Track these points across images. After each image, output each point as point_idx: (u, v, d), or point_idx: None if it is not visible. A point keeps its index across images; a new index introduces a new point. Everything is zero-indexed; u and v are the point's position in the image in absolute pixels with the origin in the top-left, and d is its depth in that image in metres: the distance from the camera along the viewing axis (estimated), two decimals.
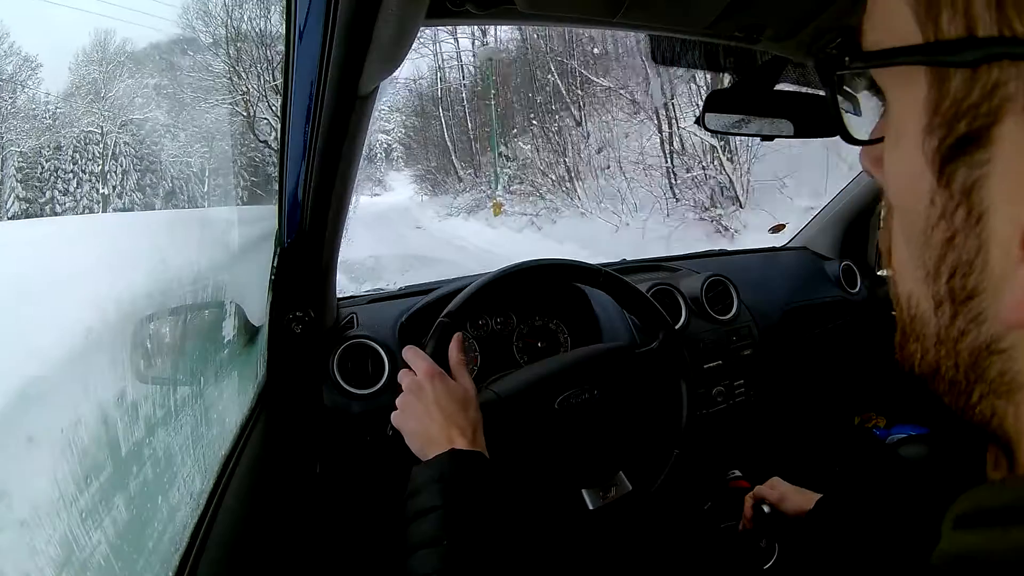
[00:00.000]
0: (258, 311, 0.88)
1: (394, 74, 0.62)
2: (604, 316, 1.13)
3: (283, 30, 0.56)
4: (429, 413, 0.63)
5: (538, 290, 1.14)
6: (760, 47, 0.73)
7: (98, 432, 0.50)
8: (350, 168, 0.72)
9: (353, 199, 0.82)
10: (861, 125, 0.28)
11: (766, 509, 0.82)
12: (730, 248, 1.63)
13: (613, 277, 0.90)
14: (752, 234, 5.88)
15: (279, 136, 0.68)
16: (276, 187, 0.75)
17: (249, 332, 0.87)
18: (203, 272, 0.78)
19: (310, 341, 0.91)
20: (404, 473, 0.60)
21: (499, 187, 12.47)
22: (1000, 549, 0.18)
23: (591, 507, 0.80)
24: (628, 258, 1.46)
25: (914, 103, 0.20)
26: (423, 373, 0.67)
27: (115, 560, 0.47)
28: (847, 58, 0.23)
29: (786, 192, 6.00)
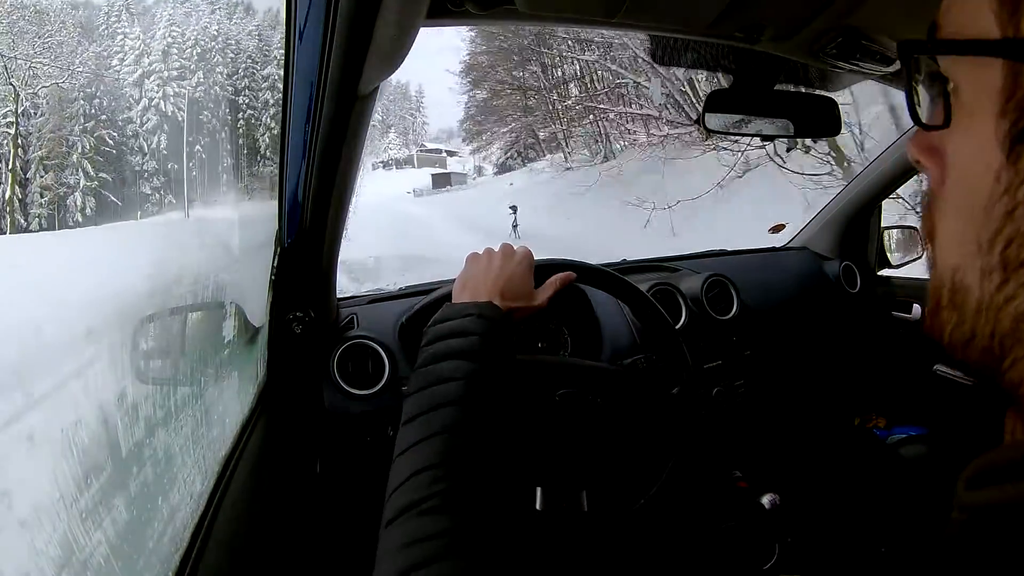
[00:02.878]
0: (258, 311, 0.88)
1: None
2: (605, 317, 1.13)
3: (283, 30, 0.56)
4: (498, 276, 0.64)
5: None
6: (760, 47, 0.73)
7: (98, 432, 0.50)
8: (350, 168, 0.72)
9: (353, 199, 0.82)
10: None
11: (766, 505, 0.82)
12: (730, 248, 1.63)
13: (614, 277, 0.90)
14: None
15: (279, 136, 0.68)
16: (276, 187, 0.75)
17: (249, 332, 0.87)
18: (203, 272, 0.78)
19: (310, 341, 0.91)
20: None
21: None
22: (1013, 500, 0.20)
23: (538, 507, 0.78)
24: (628, 258, 1.46)
25: (987, 90, 0.22)
26: (521, 252, 0.69)
27: (115, 560, 0.47)
28: (930, 44, 0.26)
29: None
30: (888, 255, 1.52)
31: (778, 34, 0.70)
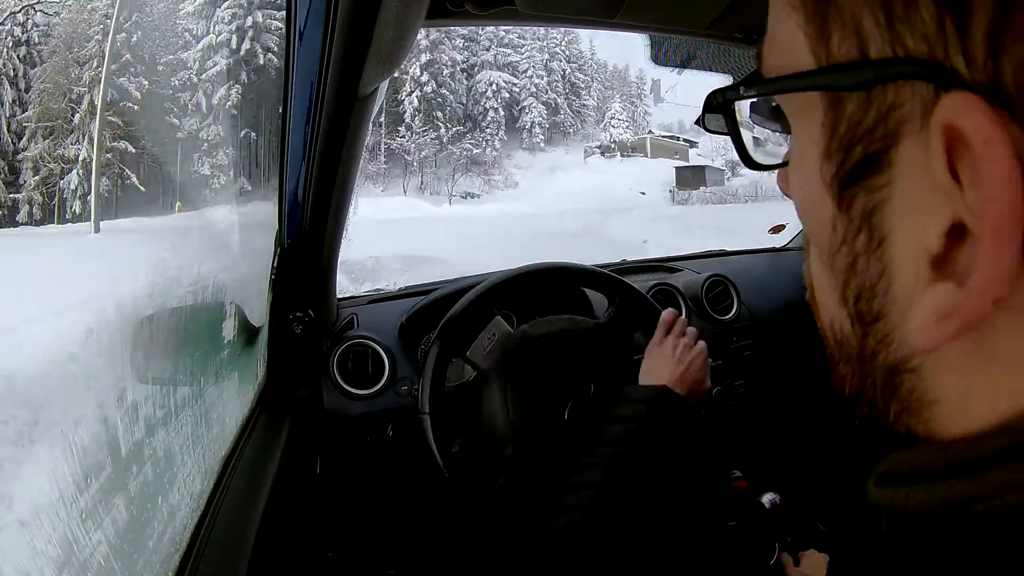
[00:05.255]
0: (258, 311, 0.88)
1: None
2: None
3: (283, 30, 0.56)
4: (677, 365, 0.74)
5: (539, 291, 1.14)
6: (760, 47, 0.73)
7: (98, 433, 0.50)
8: (350, 169, 0.72)
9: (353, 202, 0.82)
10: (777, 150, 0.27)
11: (767, 504, 0.82)
12: (731, 248, 1.63)
13: (611, 279, 0.90)
14: None
15: (279, 137, 0.68)
16: (276, 187, 0.75)
17: (249, 332, 0.87)
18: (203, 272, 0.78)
19: (310, 341, 0.91)
20: (403, 473, 0.60)
21: None
22: (901, 504, 0.20)
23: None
24: (628, 258, 1.46)
25: (812, 129, 0.20)
26: (700, 347, 0.77)
27: (115, 560, 0.47)
28: (742, 87, 0.23)
29: None
30: None
31: None
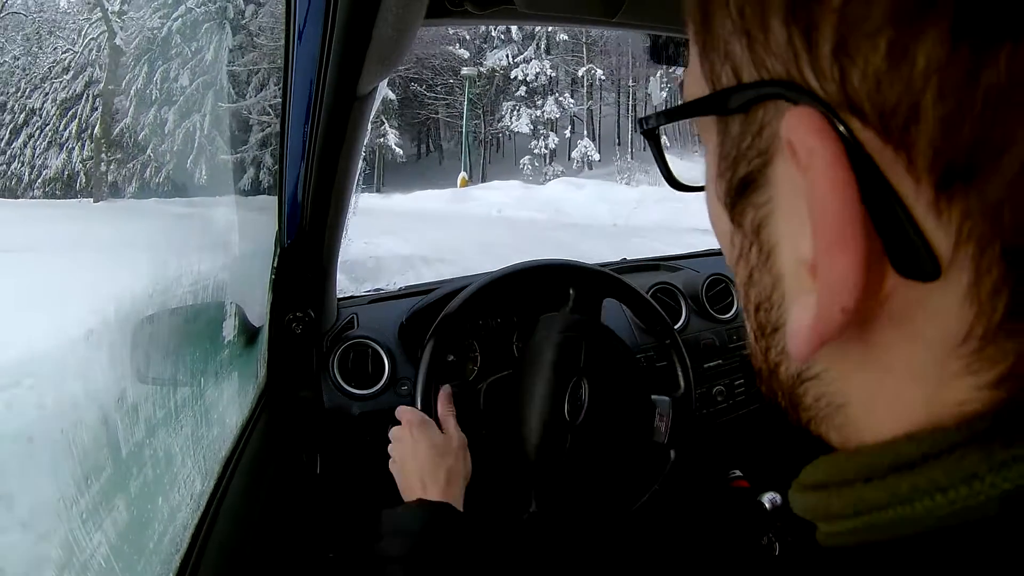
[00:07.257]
0: (258, 311, 0.88)
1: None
2: (607, 317, 1.13)
3: (283, 30, 0.56)
4: (407, 462, 0.68)
5: (539, 290, 1.14)
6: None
7: (99, 433, 0.50)
8: (349, 168, 0.72)
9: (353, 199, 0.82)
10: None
11: (767, 505, 0.82)
12: None
13: (610, 278, 0.90)
14: None
15: (279, 136, 0.68)
16: (276, 187, 0.75)
17: (249, 332, 0.87)
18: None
19: (310, 341, 0.91)
20: None
21: None
22: (822, 512, 0.21)
23: (532, 509, 0.78)
24: (628, 257, 1.46)
25: (711, 151, 0.22)
26: (406, 423, 0.71)
27: (116, 561, 0.47)
28: (659, 115, 0.25)
29: None
30: None
31: None
